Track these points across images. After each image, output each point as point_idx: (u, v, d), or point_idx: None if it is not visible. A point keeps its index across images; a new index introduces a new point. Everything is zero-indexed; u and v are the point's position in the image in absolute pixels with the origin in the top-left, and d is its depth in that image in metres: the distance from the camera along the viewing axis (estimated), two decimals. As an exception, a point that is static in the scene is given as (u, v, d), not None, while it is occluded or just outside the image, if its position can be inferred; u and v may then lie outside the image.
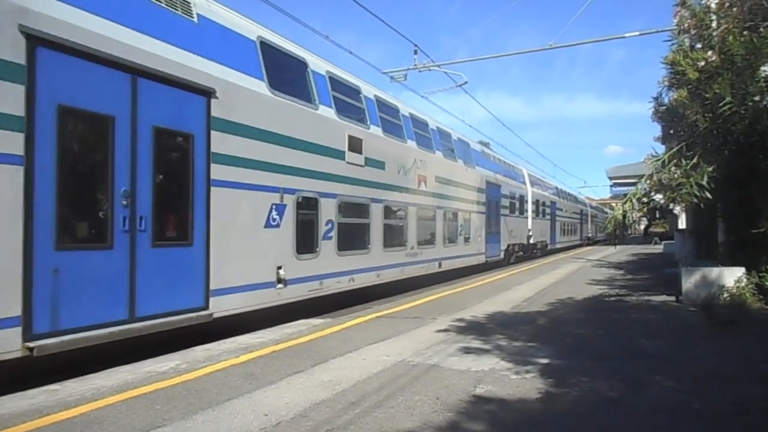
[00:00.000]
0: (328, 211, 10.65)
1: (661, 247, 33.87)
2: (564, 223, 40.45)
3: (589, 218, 56.12)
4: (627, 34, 16.63)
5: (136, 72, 6.74)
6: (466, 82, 19.69)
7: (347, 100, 11.84)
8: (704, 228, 14.75)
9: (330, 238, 10.72)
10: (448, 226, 17.29)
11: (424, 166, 15.28)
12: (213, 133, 7.79)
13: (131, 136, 6.66)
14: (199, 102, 7.64)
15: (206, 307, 7.60)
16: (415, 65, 18.09)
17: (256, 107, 8.76)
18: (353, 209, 11.88)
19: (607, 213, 66.46)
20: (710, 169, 8.28)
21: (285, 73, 9.99)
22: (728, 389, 4.91)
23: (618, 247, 32.10)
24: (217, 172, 7.88)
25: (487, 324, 8.35)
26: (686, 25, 8.94)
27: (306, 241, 10.01)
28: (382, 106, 13.59)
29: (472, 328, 8.02)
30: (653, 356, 6.21)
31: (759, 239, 9.48)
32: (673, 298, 10.55)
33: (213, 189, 7.77)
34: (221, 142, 7.95)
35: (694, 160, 8.51)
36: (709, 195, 8.29)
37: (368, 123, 12.53)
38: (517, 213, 26.09)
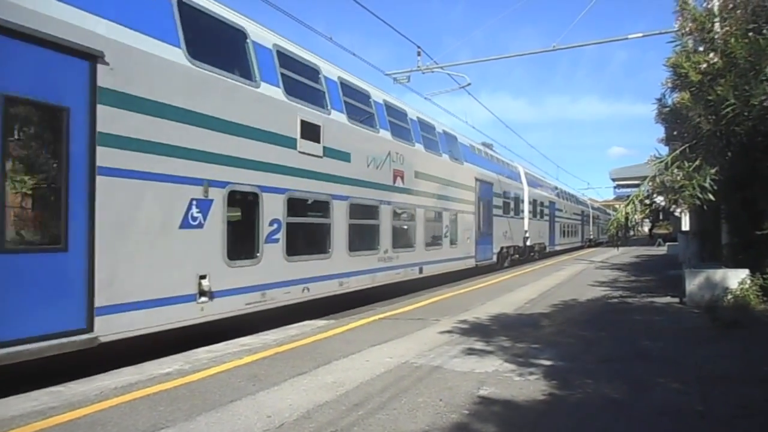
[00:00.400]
0: (273, 209, 9.11)
1: (665, 248, 33.81)
2: (564, 224, 38.58)
3: (591, 219, 54.50)
4: (630, 36, 16.68)
5: None
6: (469, 84, 19.73)
7: (301, 80, 10.24)
8: (708, 229, 14.73)
9: (276, 240, 9.15)
10: (430, 227, 15.63)
11: (401, 159, 13.65)
12: (100, 108, 6.14)
13: None
14: (78, 67, 5.98)
15: (88, 330, 5.98)
16: (419, 67, 18.15)
17: (168, 79, 7.15)
18: (309, 207, 10.44)
19: (609, 214, 66.00)
20: (713, 170, 8.27)
21: (214, 42, 8.57)
22: (732, 391, 4.90)
23: (621, 248, 32.12)
24: (108, 157, 6.21)
25: (490, 326, 8.34)
26: (688, 28, 8.94)
27: (242, 245, 8.51)
28: (348, 89, 11.87)
29: (475, 329, 8.01)
30: (657, 358, 6.19)
31: (763, 241, 9.47)
32: (676, 300, 10.53)
33: (101, 179, 6.13)
34: (114, 121, 6.30)
35: (697, 162, 8.50)
36: (711, 197, 8.28)
37: (329, 107, 10.84)
38: (512, 213, 24.49)
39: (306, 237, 10.29)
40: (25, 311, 5.47)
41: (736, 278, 9.53)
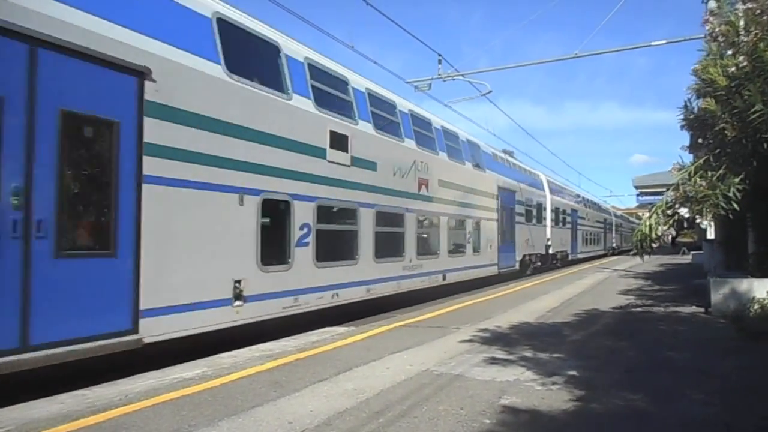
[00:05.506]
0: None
1: (689, 257, 33.31)
2: (586, 232, 38.30)
3: (614, 227, 52.54)
4: (654, 43, 16.47)
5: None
6: (490, 91, 19.62)
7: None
8: (733, 238, 14.50)
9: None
10: (453, 235, 16.29)
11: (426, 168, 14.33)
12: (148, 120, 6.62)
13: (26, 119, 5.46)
14: (127, 83, 6.46)
15: (135, 330, 6.37)
16: (439, 74, 18.15)
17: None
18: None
19: (633, 222, 63.84)
20: (737, 179, 8.14)
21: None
22: (759, 403, 4.82)
23: (644, 257, 31.60)
24: (154, 166, 6.72)
25: (511, 334, 8.29)
26: (717, 30, 8.79)
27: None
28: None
29: (496, 338, 7.97)
30: (682, 369, 6.10)
31: (791, 250, 9.28)
32: (701, 310, 10.36)
33: (147, 187, 6.59)
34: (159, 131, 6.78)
35: (721, 171, 8.37)
36: (736, 206, 8.14)
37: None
38: (534, 221, 24.74)
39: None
40: (80, 312, 5.90)
41: (763, 288, 9.35)
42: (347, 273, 10.83)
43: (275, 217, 9.04)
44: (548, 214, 27.26)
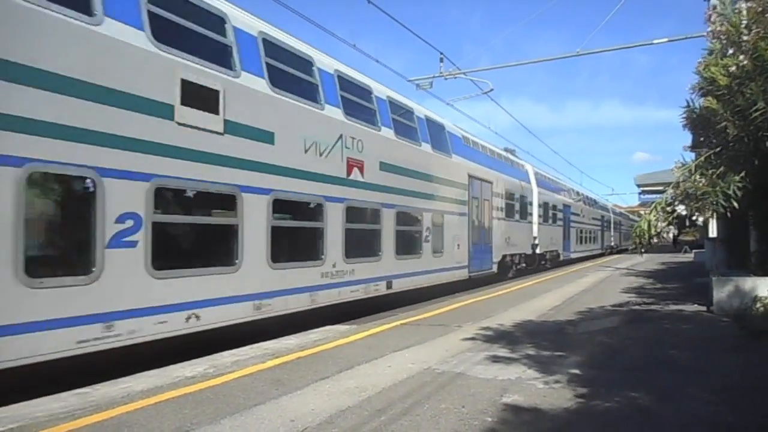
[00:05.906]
0: None
1: (691, 255, 33.26)
2: (581, 229, 35.50)
3: (612, 225, 49.88)
4: (656, 41, 16.46)
5: None
6: (492, 89, 19.62)
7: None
8: (735, 236, 14.47)
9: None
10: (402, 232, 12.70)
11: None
12: None
13: None
14: None
15: None
16: (441, 73, 18.16)
17: None
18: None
19: (633, 220, 63.93)
20: (737, 177, 8.12)
21: None
22: (761, 402, 4.81)
23: (646, 255, 31.62)
24: None
25: (513, 332, 8.29)
26: (719, 29, 8.77)
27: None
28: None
29: (498, 336, 7.97)
30: (684, 367, 6.09)
31: (793, 248, 9.26)
32: (704, 308, 10.35)
33: None
34: None
35: (721, 169, 8.36)
36: (735, 204, 8.13)
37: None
38: (517, 217, 21.91)
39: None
40: None
41: (765, 286, 9.33)
42: (219, 284, 7.65)
43: (63, 201, 6.30)
44: (535, 210, 24.52)
